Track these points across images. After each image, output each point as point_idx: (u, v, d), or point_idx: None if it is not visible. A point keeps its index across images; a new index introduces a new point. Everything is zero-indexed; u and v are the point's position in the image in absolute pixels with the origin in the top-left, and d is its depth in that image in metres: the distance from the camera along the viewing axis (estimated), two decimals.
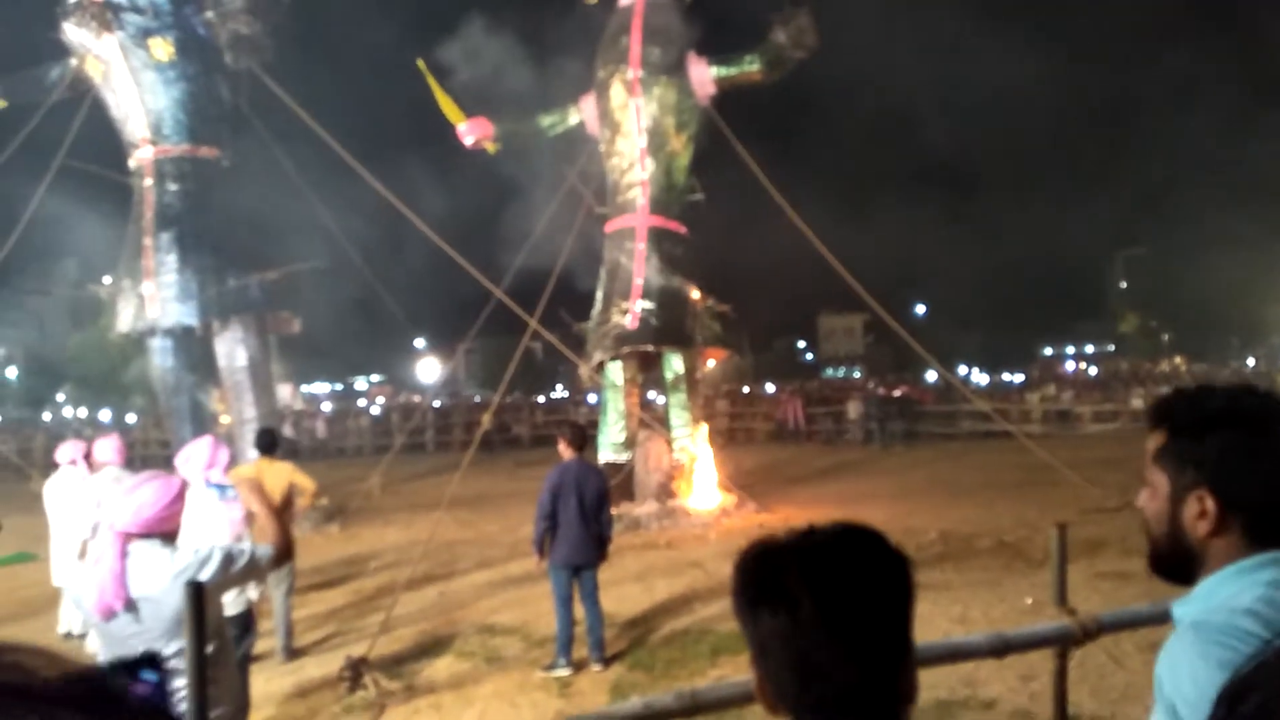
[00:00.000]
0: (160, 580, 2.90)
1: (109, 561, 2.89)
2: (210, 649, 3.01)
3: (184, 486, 3.15)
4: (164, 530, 3.03)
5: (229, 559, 3.06)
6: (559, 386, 49.53)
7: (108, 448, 7.78)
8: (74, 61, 13.98)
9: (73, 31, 13.56)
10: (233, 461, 7.07)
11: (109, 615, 2.90)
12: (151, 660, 0.67)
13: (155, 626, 2.89)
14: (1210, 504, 1.26)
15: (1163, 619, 1.16)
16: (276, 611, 7.32)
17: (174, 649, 2.87)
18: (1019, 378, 46.42)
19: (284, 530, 3.30)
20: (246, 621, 5.64)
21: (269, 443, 7.56)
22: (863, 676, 1.00)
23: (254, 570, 3.22)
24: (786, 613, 0.99)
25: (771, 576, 1.03)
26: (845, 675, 0.99)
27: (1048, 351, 70.56)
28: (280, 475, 7.23)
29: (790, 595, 0.99)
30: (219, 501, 5.31)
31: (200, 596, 2.22)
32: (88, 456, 7.94)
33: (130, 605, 2.89)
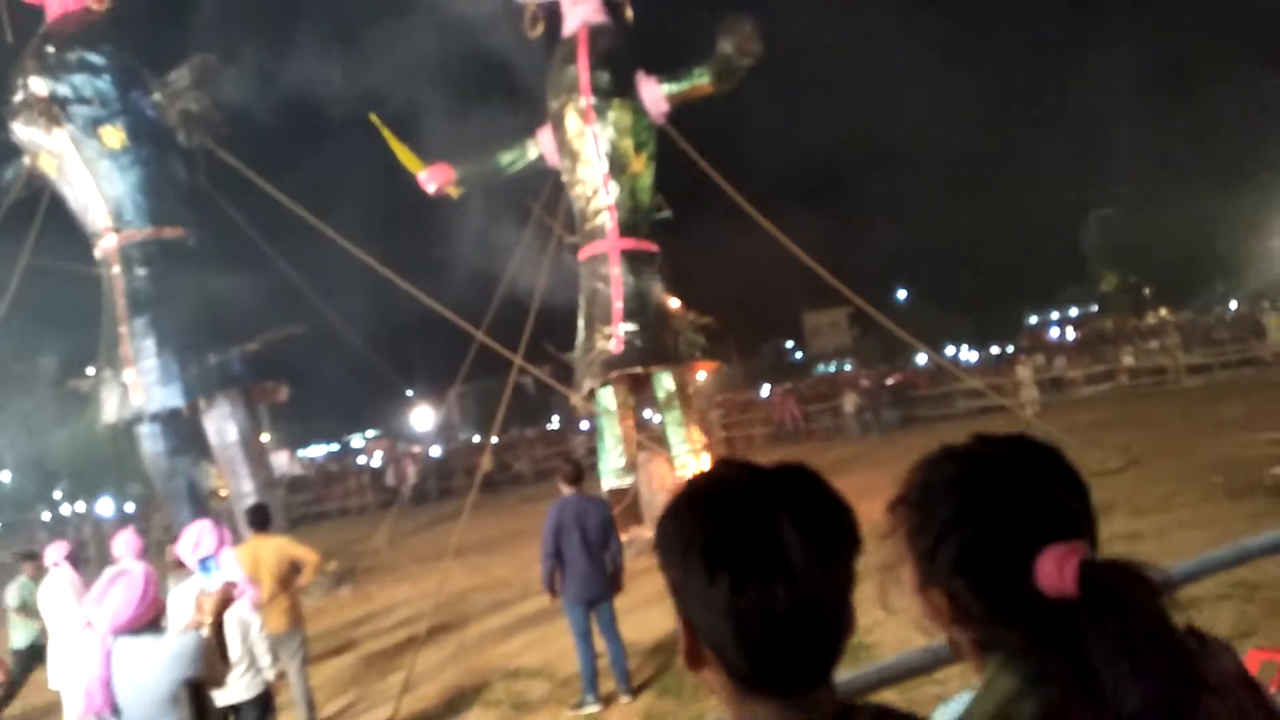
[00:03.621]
0: (149, 668, 3.05)
1: (95, 668, 3.03)
2: None
3: (150, 576, 3.28)
4: (144, 623, 3.16)
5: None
6: (554, 418, 49.36)
7: (124, 543, 7.69)
8: (26, 160, 13.92)
9: (21, 130, 13.51)
10: (235, 538, 7.00)
11: (99, 715, 3.06)
12: None
13: (142, 712, 3.02)
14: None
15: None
16: (294, 685, 7.21)
17: None
18: (1009, 349, 46.60)
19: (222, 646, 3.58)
20: (265, 703, 5.54)
21: (261, 519, 7.46)
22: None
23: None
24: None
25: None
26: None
27: (1033, 320, 70.81)
28: (276, 551, 7.13)
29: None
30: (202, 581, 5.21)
31: (200, 696, 2.18)
32: (72, 555, 7.87)
33: (115, 707, 3.04)
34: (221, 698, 4.82)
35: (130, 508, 32.39)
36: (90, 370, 15.08)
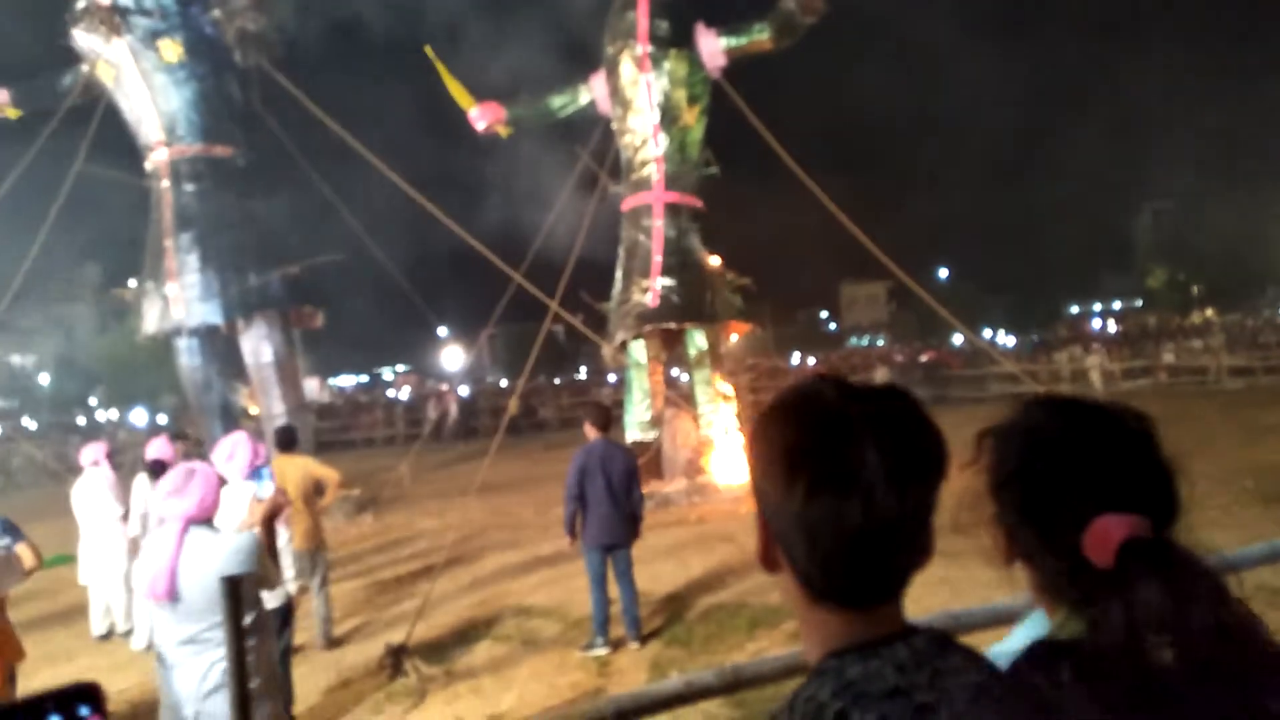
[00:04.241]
0: (211, 559, 3.25)
1: (166, 556, 3.23)
2: (249, 619, 3.23)
3: (219, 474, 3.56)
4: (211, 515, 3.41)
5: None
6: (582, 368, 49.59)
7: (156, 449, 7.87)
8: (85, 67, 14.03)
9: (82, 37, 13.60)
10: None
11: (160, 600, 3.25)
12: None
13: (201, 599, 3.23)
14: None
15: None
16: (314, 602, 7.38)
17: (213, 620, 3.18)
18: (1046, 337, 45.98)
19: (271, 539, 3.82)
20: (285, 614, 5.69)
21: (287, 439, 7.61)
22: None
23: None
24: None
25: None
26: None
27: (1074, 310, 69.71)
28: (301, 469, 7.28)
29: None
30: (254, 488, 5.41)
31: (237, 592, 2.24)
32: (110, 456, 8.09)
33: (175, 592, 3.23)
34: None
35: (163, 419, 33.08)
36: (133, 281, 15.28)
